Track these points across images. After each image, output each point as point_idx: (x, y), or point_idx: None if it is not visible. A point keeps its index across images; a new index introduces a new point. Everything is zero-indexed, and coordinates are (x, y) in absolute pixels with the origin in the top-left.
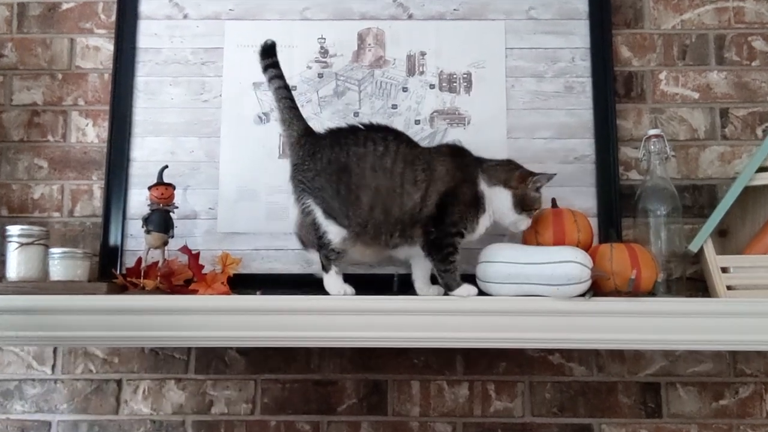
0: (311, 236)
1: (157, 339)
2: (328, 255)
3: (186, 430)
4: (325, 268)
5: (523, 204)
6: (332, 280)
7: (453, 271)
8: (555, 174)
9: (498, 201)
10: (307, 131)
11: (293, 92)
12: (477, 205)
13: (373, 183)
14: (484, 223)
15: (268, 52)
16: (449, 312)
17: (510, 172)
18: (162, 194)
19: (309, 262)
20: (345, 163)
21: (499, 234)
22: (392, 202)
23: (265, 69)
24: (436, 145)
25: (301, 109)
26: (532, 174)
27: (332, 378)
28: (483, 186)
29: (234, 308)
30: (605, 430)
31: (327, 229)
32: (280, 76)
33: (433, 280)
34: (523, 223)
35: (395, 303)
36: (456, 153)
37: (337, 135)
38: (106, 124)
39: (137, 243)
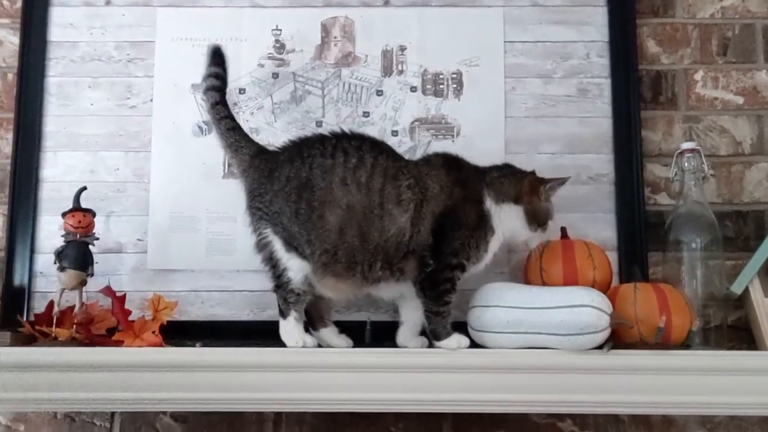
0: (269, 275)
1: (72, 401)
2: (287, 297)
3: None
4: (283, 313)
5: (538, 219)
6: (290, 328)
7: (446, 315)
8: (568, 177)
9: (509, 220)
10: (261, 151)
11: (242, 96)
12: (483, 227)
13: (343, 200)
14: (492, 248)
15: (215, 58)
16: (435, 368)
17: (518, 184)
18: (79, 222)
19: (261, 306)
20: (307, 177)
21: (497, 272)
22: (370, 224)
23: (206, 77)
24: (424, 156)
25: (251, 116)
26: (543, 181)
27: None
28: (489, 204)
29: (168, 364)
30: None
31: (287, 264)
32: (219, 89)
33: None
34: (536, 239)
35: (367, 357)
36: (451, 164)
37: (298, 147)
38: (9, 135)
39: (48, 283)
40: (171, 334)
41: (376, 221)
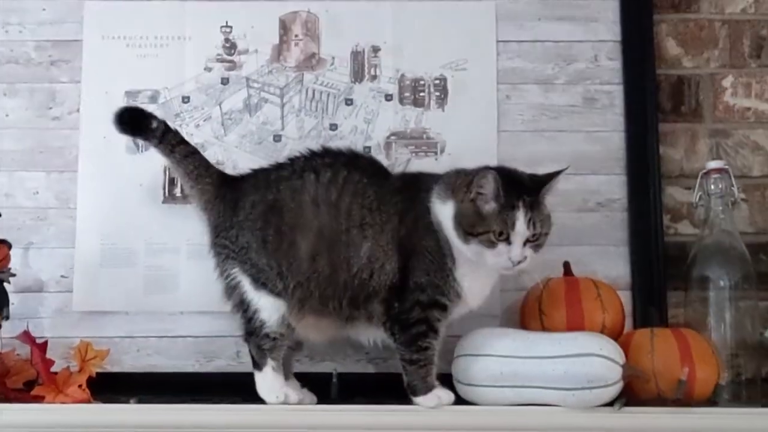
0: (240, 321)
1: None
2: (260, 344)
3: None
4: (258, 365)
5: (464, 224)
6: (268, 381)
7: (424, 364)
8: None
9: (446, 224)
10: (225, 180)
11: (185, 105)
12: (441, 249)
13: (314, 222)
14: (462, 275)
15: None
16: (413, 428)
17: (457, 178)
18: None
19: (209, 355)
20: (274, 199)
21: (487, 315)
22: (338, 253)
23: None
24: (399, 173)
25: (196, 130)
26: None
27: None
28: (434, 214)
29: (97, 423)
30: None
31: (258, 305)
32: (159, 121)
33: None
34: (489, 258)
35: (334, 416)
36: (408, 185)
37: (265, 171)
38: None
39: None
40: (101, 389)
41: (342, 249)
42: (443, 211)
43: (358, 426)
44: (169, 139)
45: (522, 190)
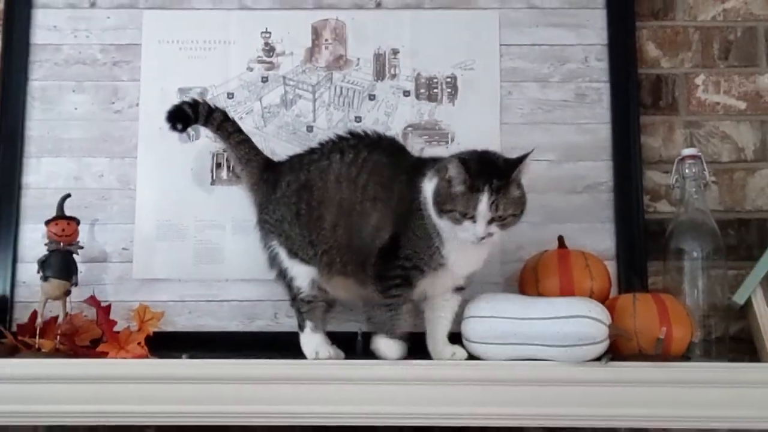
0: (282, 288)
1: (55, 414)
2: (300, 308)
3: None
4: (300, 326)
5: (438, 202)
6: (306, 339)
7: (392, 308)
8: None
9: (429, 201)
10: (268, 164)
11: (230, 100)
12: (429, 235)
13: (336, 197)
14: (452, 251)
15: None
16: (427, 381)
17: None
18: (63, 231)
19: (251, 316)
20: (305, 179)
21: (490, 282)
22: (352, 222)
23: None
24: (416, 156)
25: (240, 121)
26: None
27: None
28: (425, 189)
29: (153, 376)
30: None
31: (293, 272)
32: (220, 111)
33: (453, 339)
34: (458, 233)
35: (358, 370)
36: (416, 166)
37: (300, 156)
38: None
39: (31, 293)
40: (157, 346)
41: (356, 219)
42: (428, 190)
43: (379, 378)
44: (226, 127)
45: (491, 175)
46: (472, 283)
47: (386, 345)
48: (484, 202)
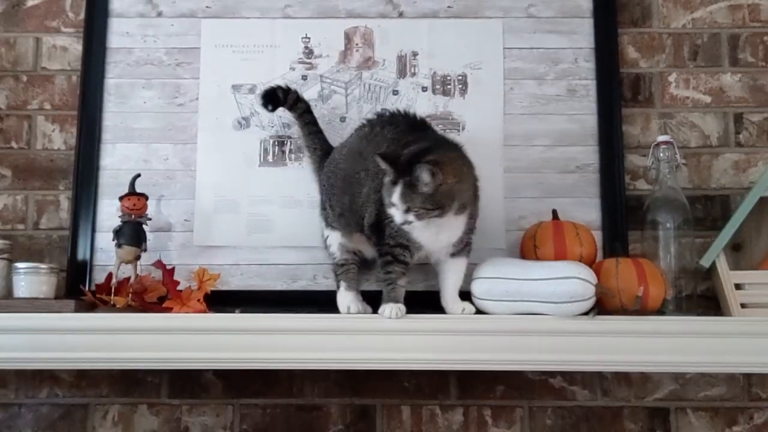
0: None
1: (128, 361)
2: (336, 271)
3: None
4: (336, 285)
5: (384, 188)
6: (340, 297)
7: (389, 283)
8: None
9: None
10: (329, 150)
11: None
12: None
13: (345, 166)
14: (421, 234)
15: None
16: (442, 332)
17: None
18: (134, 205)
19: (293, 278)
20: (339, 157)
21: (496, 248)
22: (353, 191)
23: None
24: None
25: (284, 112)
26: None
27: (317, 403)
28: None
29: (211, 328)
30: None
31: (328, 240)
32: (305, 102)
33: (465, 297)
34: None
35: (382, 323)
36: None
37: (344, 141)
38: (74, 129)
39: (107, 257)
40: (213, 302)
41: (356, 188)
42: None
43: (401, 330)
44: (305, 117)
45: (408, 172)
46: (476, 249)
47: (385, 311)
48: (397, 194)
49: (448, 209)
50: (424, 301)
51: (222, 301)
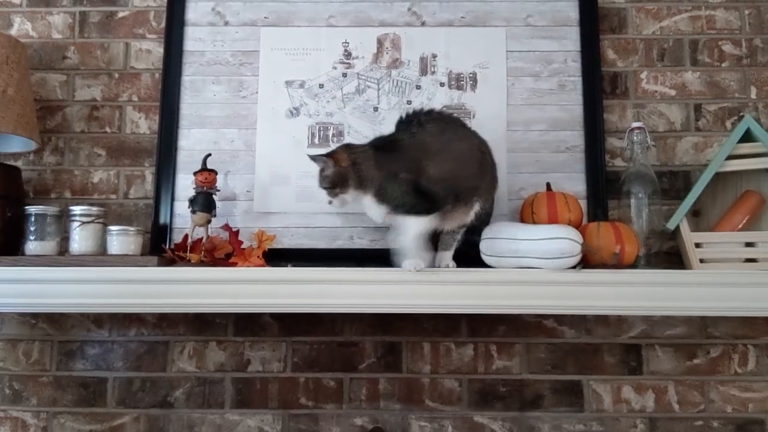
0: None
1: (201, 306)
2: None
3: (226, 386)
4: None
5: None
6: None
7: None
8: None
9: None
10: None
11: (320, 89)
12: None
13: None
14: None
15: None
16: (456, 282)
17: None
18: (206, 179)
19: (334, 237)
20: None
21: (501, 214)
22: None
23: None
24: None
25: (327, 104)
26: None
27: (354, 340)
28: None
29: (268, 279)
30: (592, 386)
31: None
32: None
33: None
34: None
35: (407, 275)
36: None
37: None
38: (156, 117)
39: (184, 221)
40: (270, 258)
41: None
42: None
43: (422, 281)
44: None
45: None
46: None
47: (406, 263)
48: (318, 178)
49: (343, 189)
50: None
51: (277, 257)
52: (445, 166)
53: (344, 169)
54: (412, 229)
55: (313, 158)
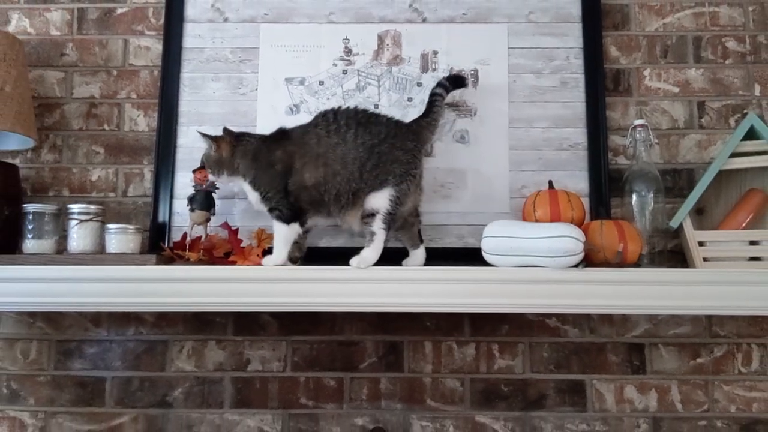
0: None
1: (200, 305)
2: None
3: (225, 386)
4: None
5: None
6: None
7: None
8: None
9: None
10: None
11: (321, 86)
12: None
13: None
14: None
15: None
16: (458, 281)
17: None
18: (205, 177)
19: (334, 236)
20: None
21: (502, 212)
22: None
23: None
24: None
25: (327, 101)
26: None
27: (354, 339)
28: None
29: (267, 278)
30: (596, 385)
31: None
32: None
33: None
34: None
35: (408, 273)
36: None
37: None
38: (155, 114)
39: (183, 220)
40: None
41: None
42: None
43: (423, 279)
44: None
45: None
46: (486, 213)
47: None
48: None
49: (219, 172)
50: (437, 257)
51: None
52: (317, 173)
53: (223, 157)
54: (277, 232)
55: (203, 135)
